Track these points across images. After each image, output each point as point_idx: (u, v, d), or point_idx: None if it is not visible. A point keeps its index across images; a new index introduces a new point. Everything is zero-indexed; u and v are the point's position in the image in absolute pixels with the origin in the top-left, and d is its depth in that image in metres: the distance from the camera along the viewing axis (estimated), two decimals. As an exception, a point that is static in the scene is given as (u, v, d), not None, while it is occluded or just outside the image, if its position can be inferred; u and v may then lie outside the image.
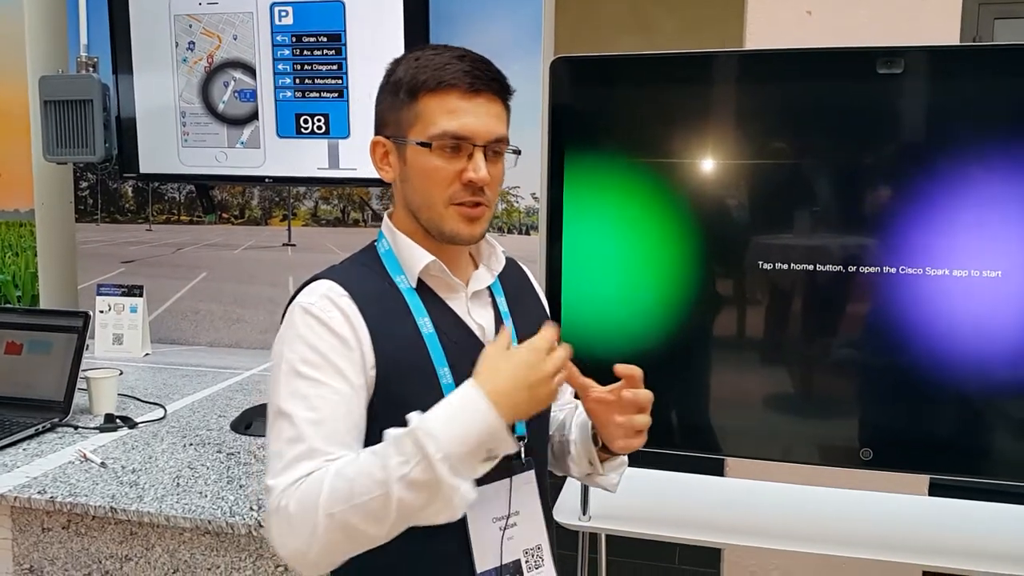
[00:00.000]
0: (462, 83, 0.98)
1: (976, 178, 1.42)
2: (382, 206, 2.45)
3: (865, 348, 1.52)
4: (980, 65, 1.47)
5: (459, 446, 0.85)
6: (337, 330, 0.96)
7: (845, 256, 1.49)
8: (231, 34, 2.33)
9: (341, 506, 0.86)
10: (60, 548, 1.43)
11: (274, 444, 0.94)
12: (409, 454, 0.85)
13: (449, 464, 0.84)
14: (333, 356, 0.95)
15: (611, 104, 1.65)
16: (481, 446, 0.86)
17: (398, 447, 0.86)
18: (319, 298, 0.98)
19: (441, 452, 0.84)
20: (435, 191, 1.00)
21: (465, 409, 0.87)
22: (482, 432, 0.86)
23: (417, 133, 0.99)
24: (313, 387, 0.94)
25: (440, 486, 0.84)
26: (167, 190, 2.60)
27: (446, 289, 1.05)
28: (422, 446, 0.84)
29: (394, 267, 1.04)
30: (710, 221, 1.56)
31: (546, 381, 0.90)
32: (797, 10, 1.96)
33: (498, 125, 1.01)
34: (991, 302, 1.42)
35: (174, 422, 1.79)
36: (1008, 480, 1.53)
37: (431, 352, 1.00)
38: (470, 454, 0.86)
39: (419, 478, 0.84)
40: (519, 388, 0.89)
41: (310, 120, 2.30)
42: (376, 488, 0.85)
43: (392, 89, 1.02)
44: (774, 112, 1.55)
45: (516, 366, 0.89)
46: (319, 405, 0.93)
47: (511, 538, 1.04)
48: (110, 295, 2.43)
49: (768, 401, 1.60)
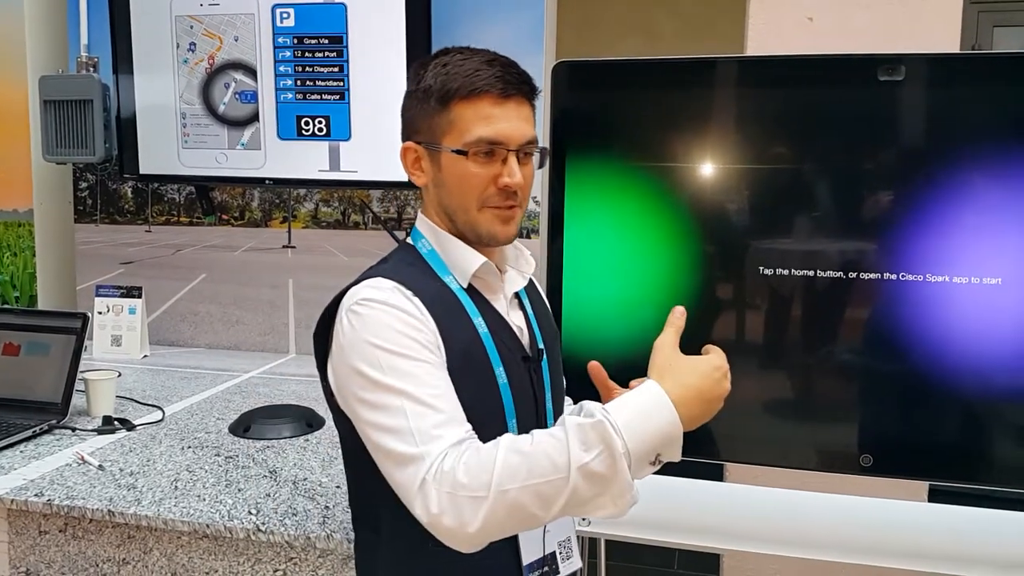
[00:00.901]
0: (494, 89, 0.98)
1: (976, 185, 1.42)
2: (382, 208, 2.45)
3: (865, 354, 1.52)
4: (981, 73, 1.47)
5: (640, 444, 0.86)
6: (418, 315, 0.95)
7: (846, 262, 1.49)
8: (232, 35, 2.33)
9: (516, 483, 0.84)
10: (57, 551, 1.42)
11: (395, 422, 0.90)
12: (592, 443, 0.84)
13: (630, 460, 0.85)
14: (419, 336, 0.94)
15: (613, 108, 1.64)
16: (656, 449, 0.87)
17: (582, 434, 0.85)
18: (390, 291, 0.97)
19: (625, 447, 0.84)
20: (470, 196, 1.01)
21: (653, 409, 0.88)
22: (664, 435, 0.87)
23: (452, 140, 1.00)
24: (418, 366, 0.92)
25: (616, 481, 0.85)
26: (167, 191, 2.59)
27: (489, 291, 1.07)
28: (608, 438, 0.84)
29: (440, 267, 1.04)
30: (711, 226, 1.56)
31: (721, 400, 0.93)
32: (798, 16, 1.97)
33: (528, 127, 1.02)
34: (991, 309, 1.42)
35: (172, 424, 1.78)
36: (1008, 487, 1.53)
37: (488, 352, 1.01)
38: (646, 455, 0.87)
39: (598, 470, 0.84)
40: (702, 400, 0.90)
41: (311, 122, 2.30)
42: (554, 472, 0.84)
43: (422, 96, 1.02)
44: (775, 118, 1.55)
45: (703, 378, 0.91)
46: (432, 382, 0.92)
47: (549, 531, 1.07)
48: (109, 296, 2.42)
49: (768, 407, 1.60)
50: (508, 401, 1.01)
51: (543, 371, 1.10)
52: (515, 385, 1.03)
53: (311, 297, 2.47)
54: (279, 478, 1.48)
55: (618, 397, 0.90)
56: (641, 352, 1.59)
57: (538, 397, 1.07)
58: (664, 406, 0.87)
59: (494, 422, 1.00)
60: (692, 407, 0.89)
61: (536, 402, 1.07)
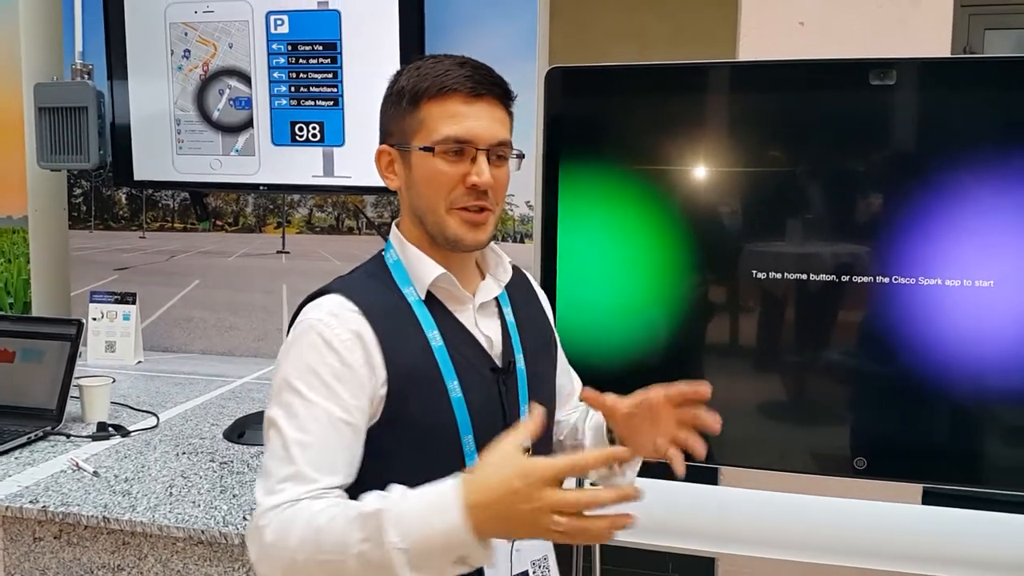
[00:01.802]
0: (463, 88, 0.99)
1: (968, 188, 1.43)
2: (376, 214, 2.45)
3: (859, 357, 1.53)
4: (972, 77, 1.48)
5: (422, 544, 0.80)
6: (343, 352, 0.94)
7: (838, 265, 1.50)
8: (226, 42, 2.33)
9: (305, 556, 0.85)
10: (52, 558, 1.42)
11: (266, 457, 0.94)
12: (370, 533, 0.82)
13: (408, 557, 0.80)
14: (331, 380, 0.94)
15: (606, 113, 1.65)
16: (448, 550, 0.80)
17: (365, 522, 0.82)
18: (327, 315, 0.96)
19: (403, 543, 0.80)
20: (438, 195, 1.00)
21: (439, 510, 0.80)
22: (450, 538, 0.80)
23: (421, 139, 1.00)
24: (306, 407, 0.93)
25: (395, 572, 0.80)
26: (161, 197, 2.59)
27: (454, 301, 1.05)
28: (383, 531, 0.81)
29: (403, 278, 1.04)
30: (703, 230, 1.57)
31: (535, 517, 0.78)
32: (790, 21, 1.98)
33: (500, 129, 1.01)
34: (983, 311, 1.43)
35: (167, 430, 1.78)
36: (1001, 489, 1.54)
37: (441, 366, 1.00)
38: (433, 555, 0.80)
39: (375, 560, 0.81)
40: (500, 513, 0.79)
41: (305, 128, 2.30)
42: (337, 553, 0.83)
43: (395, 99, 1.03)
44: (767, 122, 1.56)
45: (505, 489, 0.79)
46: (310, 427, 0.92)
47: (519, 550, 1.05)
48: (103, 302, 2.42)
49: (762, 410, 1.61)
50: (463, 415, 0.99)
51: (518, 382, 1.08)
52: (475, 399, 1.00)
53: (306, 303, 2.47)
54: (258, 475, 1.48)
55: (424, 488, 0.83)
56: (633, 356, 1.60)
57: (507, 409, 1.05)
58: (451, 510, 0.79)
59: (444, 437, 0.99)
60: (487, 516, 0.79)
61: (505, 415, 1.04)
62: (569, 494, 0.79)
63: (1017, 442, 1.49)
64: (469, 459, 1.00)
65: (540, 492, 0.78)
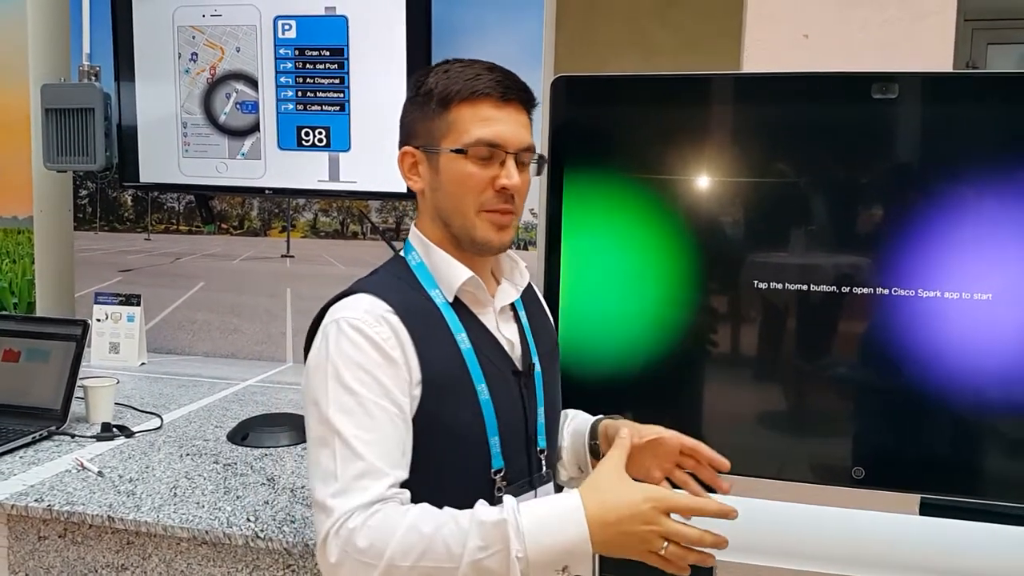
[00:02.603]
0: (495, 92, 1.00)
1: (968, 202, 1.44)
2: (381, 219, 2.46)
3: (858, 368, 1.54)
4: (974, 92, 1.50)
5: (542, 554, 0.85)
6: (384, 347, 0.95)
7: (838, 276, 1.51)
8: (234, 46, 2.35)
9: (408, 562, 0.86)
10: (56, 557, 1.43)
11: (325, 461, 0.93)
12: (490, 543, 0.85)
13: (525, 566, 0.85)
14: (380, 374, 0.94)
15: (610, 122, 1.67)
16: (560, 561, 0.87)
17: (483, 531, 0.86)
18: (363, 312, 0.97)
19: (523, 553, 0.85)
20: (468, 198, 1.02)
21: (562, 522, 0.87)
22: (568, 552, 0.86)
23: (451, 141, 1.01)
24: (362, 405, 0.93)
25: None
26: (166, 200, 2.61)
27: (478, 305, 1.07)
28: (507, 541, 0.85)
29: (428, 280, 1.05)
30: (705, 240, 1.58)
31: (648, 539, 0.88)
32: (794, 34, 2.00)
33: (526, 134, 1.03)
34: (982, 324, 1.44)
35: (171, 432, 1.79)
36: (999, 501, 1.54)
37: (470, 369, 1.01)
38: (547, 564, 0.87)
39: (491, 567, 0.85)
40: (619, 532, 0.87)
41: (311, 132, 2.32)
42: (447, 560, 0.85)
43: (422, 100, 1.03)
44: (770, 133, 1.57)
45: (629, 510, 0.87)
46: (370, 424, 0.92)
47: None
48: (107, 304, 2.43)
49: (761, 419, 1.61)
50: (490, 418, 1.01)
51: (536, 385, 1.10)
52: (500, 401, 1.02)
53: (309, 307, 2.47)
54: (277, 486, 1.49)
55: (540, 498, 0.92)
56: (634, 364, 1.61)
57: (528, 412, 1.07)
58: (577, 523, 0.86)
59: (473, 438, 1.01)
60: (607, 532, 0.87)
61: (526, 417, 1.07)
62: (687, 528, 0.89)
63: (1015, 454, 1.50)
64: (495, 460, 1.02)
65: (661, 518, 0.88)
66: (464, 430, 1.00)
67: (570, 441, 1.22)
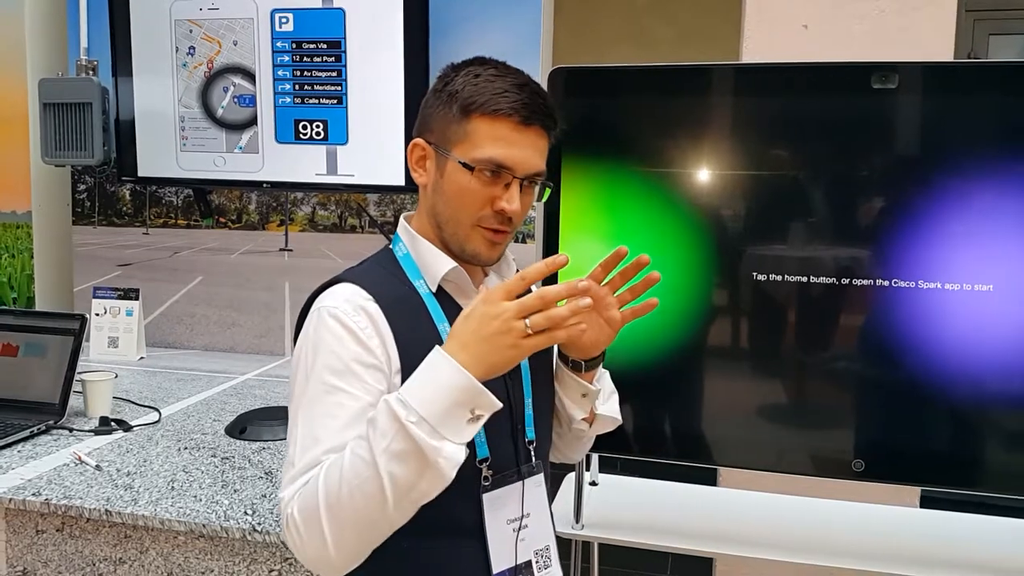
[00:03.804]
0: (517, 115, 0.98)
1: (968, 193, 1.43)
2: (379, 212, 2.46)
3: (858, 360, 1.54)
4: (973, 81, 1.49)
5: (432, 406, 0.84)
6: (362, 337, 0.95)
7: (839, 268, 1.50)
8: (231, 39, 2.34)
9: (338, 495, 0.86)
10: (54, 550, 1.43)
11: (289, 449, 0.95)
12: (385, 427, 0.85)
13: (427, 427, 0.84)
14: (355, 365, 0.95)
15: (608, 114, 1.66)
16: (458, 405, 0.85)
17: (374, 423, 0.86)
18: (344, 302, 0.97)
19: (415, 416, 0.84)
20: (465, 211, 1.01)
21: (432, 370, 0.87)
22: (452, 389, 0.85)
23: (462, 151, 0.99)
24: (331, 395, 0.93)
25: (422, 451, 0.84)
26: (165, 194, 2.60)
27: (462, 295, 1.06)
28: (395, 414, 0.84)
29: (412, 271, 1.05)
30: (704, 232, 1.57)
31: (506, 328, 0.86)
32: (794, 24, 1.98)
33: (539, 160, 1.02)
34: (983, 315, 1.43)
35: (169, 426, 1.79)
36: (999, 493, 1.54)
37: None
38: (447, 414, 0.85)
39: (400, 448, 0.84)
40: (478, 341, 0.86)
41: (309, 126, 2.31)
42: (364, 468, 0.85)
43: (446, 99, 1.01)
44: (769, 124, 1.56)
45: (474, 319, 0.88)
46: (337, 412, 0.93)
47: (523, 539, 1.06)
48: (106, 298, 2.43)
49: (761, 411, 1.61)
50: None
51: (523, 377, 1.09)
52: None
53: (308, 300, 2.48)
54: (275, 479, 1.49)
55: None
56: (634, 357, 1.61)
57: (514, 402, 1.06)
58: (440, 363, 0.87)
59: None
60: (474, 348, 0.86)
61: (511, 406, 1.06)
62: (527, 299, 0.87)
63: (1014, 446, 1.50)
64: (479, 449, 1.01)
65: (502, 306, 0.87)
66: None
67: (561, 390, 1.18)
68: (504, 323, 0.86)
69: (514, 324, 0.86)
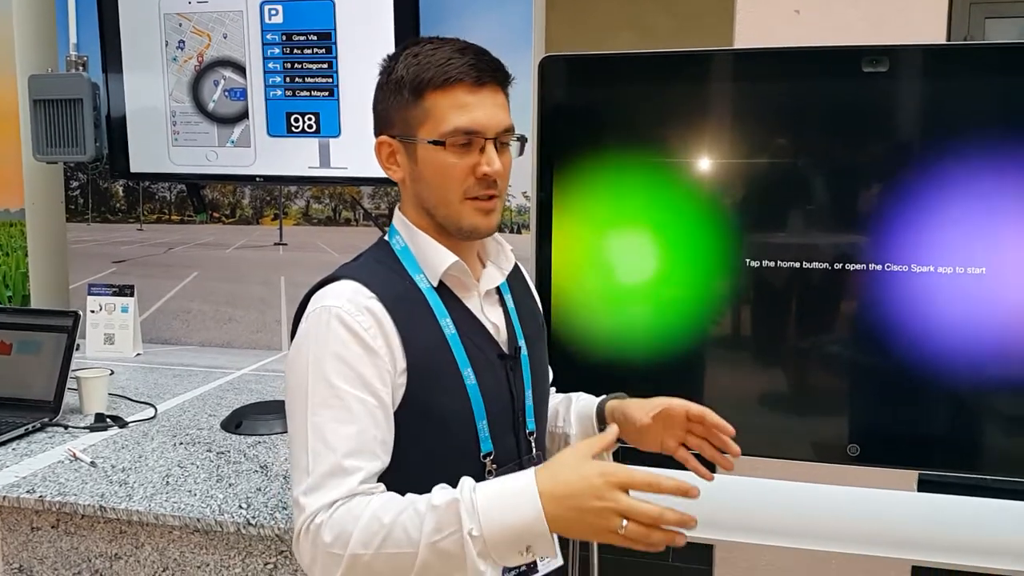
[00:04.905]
0: (468, 77, 0.97)
1: (960, 176, 1.43)
2: (373, 205, 2.45)
3: (851, 345, 1.53)
4: (963, 64, 1.48)
5: (497, 534, 0.84)
6: (366, 339, 0.94)
7: (832, 253, 1.50)
8: (221, 33, 2.33)
9: (371, 551, 0.86)
10: (49, 547, 1.43)
11: (300, 456, 0.93)
12: (445, 523, 0.84)
13: (482, 545, 0.84)
14: (361, 367, 0.93)
15: (600, 102, 1.65)
16: (520, 541, 0.85)
17: (438, 512, 0.85)
18: (347, 302, 0.96)
19: (477, 531, 0.84)
20: (451, 187, 1.00)
21: (515, 499, 0.85)
22: (524, 530, 0.84)
23: (428, 131, 0.98)
24: (340, 398, 0.92)
25: (465, 563, 0.84)
26: (158, 189, 2.59)
27: (462, 288, 1.05)
28: (460, 520, 0.84)
29: (412, 265, 1.03)
30: (698, 219, 1.57)
31: (604, 516, 0.84)
32: (786, 9, 1.97)
33: (504, 115, 1.01)
34: (976, 299, 1.43)
35: (165, 421, 1.78)
36: (995, 475, 1.54)
37: (455, 354, 1.00)
38: (506, 544, 0.85)
39: (448, 549, 0.84)
40: (573, 507, 0.84)
41: (301, 119, 2.30)
42: (407, 544, 0.85)
43: (394, 88, 1.00)
44: (761, 110, 1.56)
45: (583, 482, 0.84)
46: (348, 417, 0.92)
47: None
48: (101, 295, 2.43)
49: (756, 397, 1.61)
50: (477, 402, 1.00)
51: (523, 368, 1.09)
52: (486, 385, 1.02)
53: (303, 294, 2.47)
54: (270, 473, 1.48)
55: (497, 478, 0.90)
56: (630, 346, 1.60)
57: (515, 395, 1.06)
58: (530, 498, 0.84)
59: (461, 423, 1.00)
60: (561, 508, 0.84)
61: (513, 400, 1.06)
62: (645, 505, 0.84)
63: (1009, 428, 1.49)
64: (484, 444, 1.01)
65: (615, 493, 0.84)
66: (451, 415, 0.99)
67: (579, 428, 1.22)
68: (606, 511, 0.84)
69: (613, 519, 0.84)
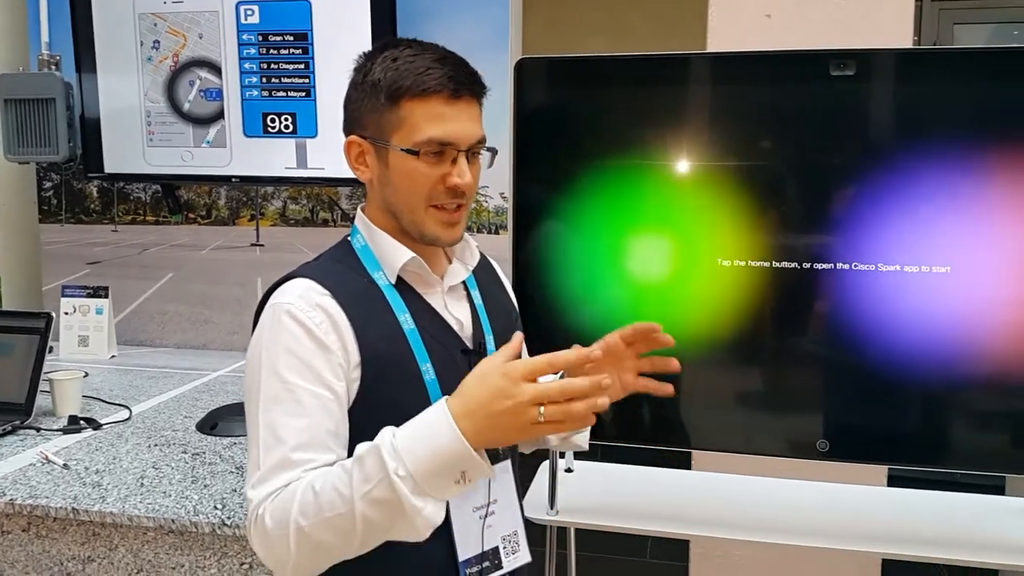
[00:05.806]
0: (446, 89, 0.97)
1: (926, 177, 1.46)
2: (351, 205, 2.45)
3: (820, 342, 1.56)
4: (926, 67, 1.51)
5: (423, 465, 0.83)
6: (318, 334, 0.95)
7: (801, 253, 1.52)
8: (197, 33, 2.32)
9: (310, 520, 0.86)
10: (20, 551, 1.42)
11: (252, 450, 0.94)
12: (370, 472, 0.84)
13: (412, 483, 0.83)
14: (313, 361, 0.94)
15: (576, 104, 1.66)
16: (449, 468, 0.84)
17: (362, 463, 0.85)
18: (299, 299, 0.97)
19: (404, 470, 0.83)
20: (417, 195, 1.00)
21: (431, 428, 0.85)
22: (448, 454, 0.83)
23: (401, 139, 0.99)
24: (292, 392, 0.93)
25: (402, 505, 0.83)
26: (133, 190, 2.58)
27: (423, 284, 1.06)
28: (384, 464, 0.83)
29: (371, 263, 1.04)
30: (670, 219, 1.59)
31: (518, 411, 0.83)
32: (756, 14, 2.00)
33: (477, 127, 1.02)
34: (941, 297, 1.46)
35: (139, 423, 1.77)
36: (960, 470, 1.58)
37: (413, 349, 1.01)
38: (436, 474, 0.84)
39: (381, 496, 0.84)
40: (486, 415, 0.84)
41: (277, 119, 2.29)
42: (341, 504, 0.85)
43: (370, 90, 1.00)
44: (733, 113, 1.58)
45: (487, 389, 0.84)
46: (298, 411, 0.93)
47: (490, 526, 1.06)
48: (75, 296, 2.40)
49: (728, 395, 1.63)
50: (436, 396, 1.00)
51: None
52: (447, 380, 1.01)
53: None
54: (246, 474, 1.48)
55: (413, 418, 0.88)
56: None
57: None
58: (442, 424, 0.84)
59: None
60: (476, 421, 0.84)
61: None
62: (547, 384, 0.84)
63: (974, 424, 1.53)
64: None
65: (520, 387, 0.83)
66: (409, 409, 0.98)
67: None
68: (517, 405, 0.83)
69: (528, 410, 0.83)
